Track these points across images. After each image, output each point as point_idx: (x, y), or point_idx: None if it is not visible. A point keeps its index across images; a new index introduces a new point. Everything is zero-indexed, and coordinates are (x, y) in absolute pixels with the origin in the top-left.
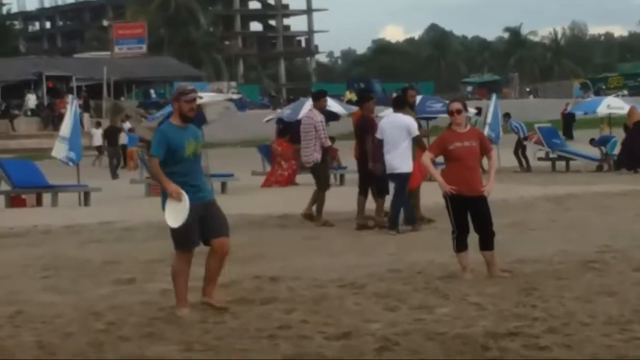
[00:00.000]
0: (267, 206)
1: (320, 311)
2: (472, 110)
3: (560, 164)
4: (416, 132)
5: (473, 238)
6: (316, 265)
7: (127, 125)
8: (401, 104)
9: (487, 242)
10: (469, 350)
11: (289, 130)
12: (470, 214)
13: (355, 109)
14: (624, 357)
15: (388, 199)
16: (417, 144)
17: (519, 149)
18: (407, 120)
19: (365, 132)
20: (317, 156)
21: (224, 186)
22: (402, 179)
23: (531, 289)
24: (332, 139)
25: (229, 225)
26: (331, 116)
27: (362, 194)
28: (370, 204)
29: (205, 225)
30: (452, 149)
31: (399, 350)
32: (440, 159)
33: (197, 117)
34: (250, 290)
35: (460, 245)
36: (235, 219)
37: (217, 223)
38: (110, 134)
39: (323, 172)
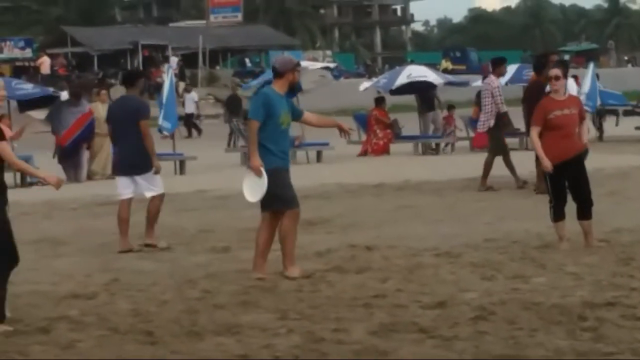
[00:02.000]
0: (362, 175)
1: (415, 280)
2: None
3: None
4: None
5: (570, 208)
6: (411, 234)
7: (193, 95)
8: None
9: (585, 212)
10: (565, 320)
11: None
12: (568, 183)
13: (450, 76)
14: None
15: None
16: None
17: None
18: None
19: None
20: (492, 122)
21: (319, 155)
22: None
23: (628, 259)
24: (451, 106)
25: None
26: (426, 86)
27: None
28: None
29: None
30: (552, 117)
31: (494, 319)
32: None
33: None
34: (345, 259)
35: (558, 214)
36: (331, 187)
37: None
38: (232, 103)
39: (496, 137)
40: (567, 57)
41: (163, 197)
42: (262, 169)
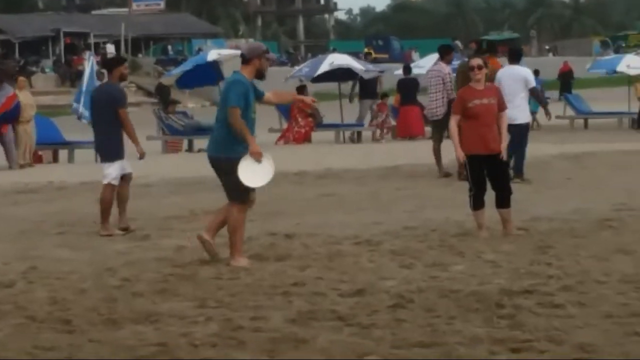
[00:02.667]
0: (284, 163)
1: (335, 268)
2: None
3: (579, 122)
4: (533, 84)
5: (489, 196)
6: (332, 222)
7: None
8: (517, 57)
9: (503, 200)
10: (483, 307)
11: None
12: (487, 172)
13: (370, 65)
14: (638, 316)
15: None
16: (534, 95)
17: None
18: (524, 72)
19: None
20: (443, 110)
21: None
22: (520, 129)
23: (546, 247)
24: (385, 94)
25: None
26: (350, 75)
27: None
28: None
29: None
30: (471, 106)
31: (413, 307)
32: None
33: (213, 74)
34: (265, 247)
35: (477, 203)
36: None
37: None
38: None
39: (446, 124)
40: None
41: (115, 188)
42: (264, 153)
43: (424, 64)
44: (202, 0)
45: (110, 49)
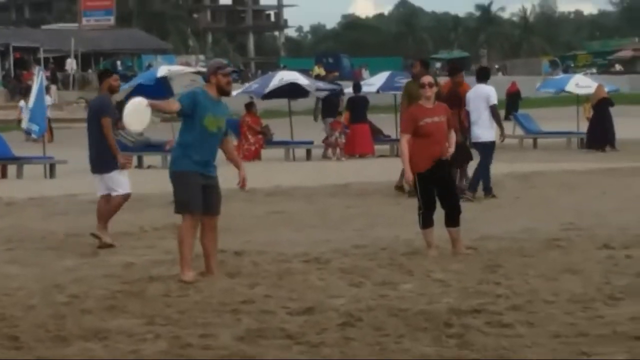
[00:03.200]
0: (233, 180)
1: (284, 286)
2: None
3: (528, 141)
4: (494, 101)
5: (438, 214)
6: (281, 239)
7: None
8: (484, 76)
9: (453, 219)
10: (432, 326)
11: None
12: (437, 190)
13: (321, 83)
14: (586, 335)
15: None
16: (492, 113)
17: None
18: (488, 90)
19: (456, 105)
20: None
21: None
22: (484, 147)
23: (495, 266)
24: (339, 112)
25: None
26: (300, 92)
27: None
28: None
29: (204, 200)
30: (422, 125)
31: (362, 326)
32: None
33: (163, 89)
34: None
35: (427, 221)
36: None
37: (215, 200)
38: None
39: None
40: (438, 64)
41: (127, 197)
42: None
43: (374, 82)
44: (152, 16)
45: (71, 64)
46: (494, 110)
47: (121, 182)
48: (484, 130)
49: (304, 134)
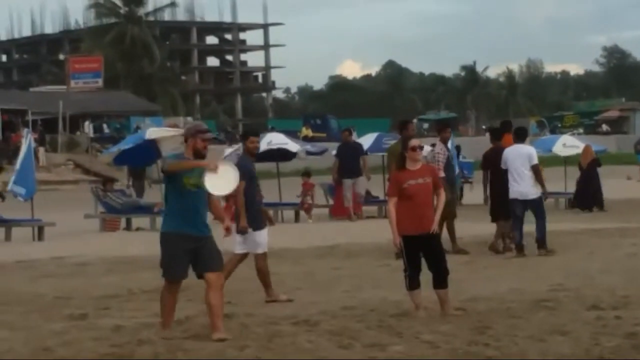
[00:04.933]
0: (223, 242)
1: (273, 348)
2: (427, 148)
3: None
4: (536, 161)
5: (427, 276)
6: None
7: None
8: (522, 136)
9: (440, 280)
10: None
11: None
12: (423, 252)
13: (308, 145)
14: None
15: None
16: (535, 172)
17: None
18: (529, 150)
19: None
20: None
21: None
22: (534, 204)
23: (484, 327)
24: (308, 173)
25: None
26: (286, 154)
27: (501, 219)
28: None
29: (199, 260)
30: (406, 187)
31: None
32: None
33: (151, 152)
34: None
35: (413, 283)
36: None
37: (210, 258)
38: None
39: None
40: (426, 125)
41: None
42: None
43: (362, 143)
44: (140, 78)
45: (89, 127)
46: (537, 169)
47: (235, 242)
48: (530, 187)
49: (292, 195)
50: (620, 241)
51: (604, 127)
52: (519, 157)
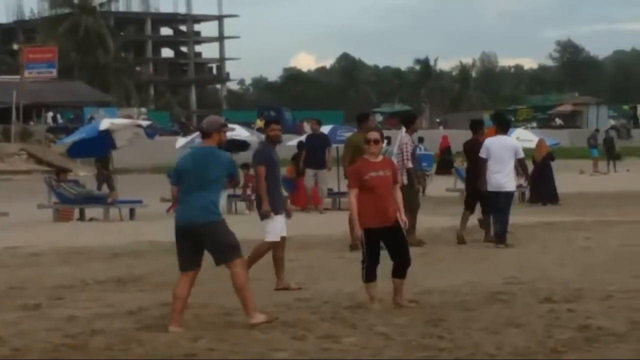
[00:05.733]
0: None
1: (227, 339)
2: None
3: None
4: (522, 155)
5: (382, 268)
6: (223, 292)
7: None
8: (506, 127)
9: (401, 270)
10: None
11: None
12: (386, 243)
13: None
14: None
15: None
16: (521, 166)
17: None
18: (515, 143)
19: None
20: (403, 179)
21: (132, 212)
22: (507, 196)
23: (438, 319)
24: (246, 165)
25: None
26: (240, 146)
27: (469, 209)
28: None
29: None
30: (367, 179)
31: None
32: None
33: (105, 143)
34: (157, 318)
35: (370, 275)
36: (144, 245)
37: (211, 251)
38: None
39: (409, 194)
40: (380, 118)
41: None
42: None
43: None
44: (95, 69)
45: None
46: (523, 162)
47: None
48: (508, 180)
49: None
50: (574, 235)
51: (558, 121)
52: (504, 149)
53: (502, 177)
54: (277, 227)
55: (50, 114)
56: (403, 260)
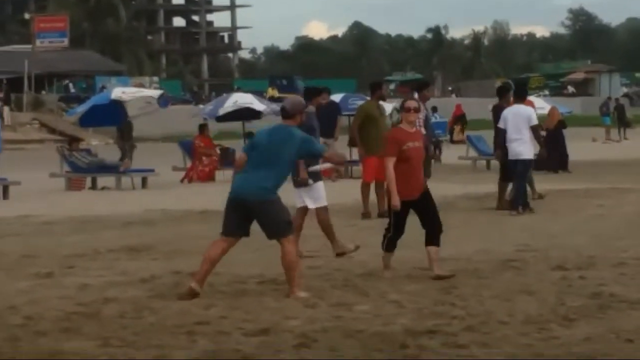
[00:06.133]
0: (188, 202)
1: (240, 307)
2: (388, 106)
3: (481, 163)
4: (535, 122)
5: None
6: (237, 260)
7: None
8: (522, 95)
9: (435, 237)
10: (387, 347)
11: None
12: (419, 212)
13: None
14: (541, 356)
15: None
16: (535, 134)
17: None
18: (529, 111)
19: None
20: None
21: (144, 181)
22: (525, 164)
23: (450, 287)
24: (251, 134)
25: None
26: (252, 114)
27: (504, 180)
28: None
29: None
30: (405, 149)
31: (317, 347)
32: None
33: (117, 112)
34: (169, 286)
35: (391, 246)
36: (155, 214)
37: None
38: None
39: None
40: (392, 86)
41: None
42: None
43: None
44: (106, 38)
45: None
46: (536, 130)
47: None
48: (525, 147)
49: None
50: (586, 202)
51: (570, 88)
52: (519, 117)
53: (519, 145)
54: (321, 192)
55: (65, 82)
56: (435, 226)
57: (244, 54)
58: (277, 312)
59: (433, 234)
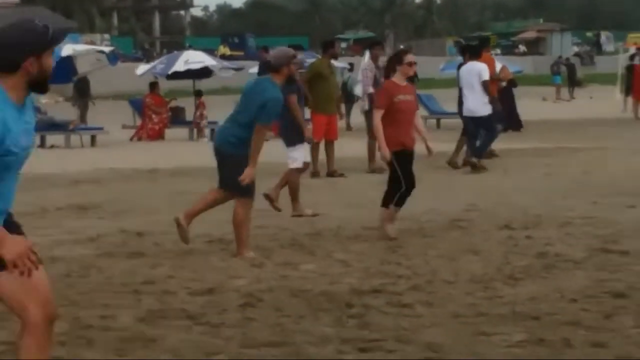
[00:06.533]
0: (137, 160)
1: (186, 267)
2: (339, 65)
3: (431, 122)
4: (486, 77)
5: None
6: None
7: None
8: (476, 52)
9: (406, 198)
10: (333, 307)
11: None
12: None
13: (226, 62)
14: (486, 315)
15: None
16: (484, 88)
17: None
18: (480, 67)
19: None
20: (366, 104)
21: (93, 139)
22: (482, 121)
23: (397, 246)
24: (200, 92)
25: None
26: (203, 72)
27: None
28: None
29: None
30: (397, 101)
31: (262, 306)
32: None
33: (67, 69)
34: (116, 245)
35: (402, 201)
36: (104, 172)
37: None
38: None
39: (369, 120)
40: (344, 44)
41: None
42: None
43: None
44: None
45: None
46: (486, 85)
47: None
48: (479, 105)
49: (209, 114)
50: (535, 161)
51: (521, 47)
52: (471, 74)
53: (471, 101)
54: (302, 155)
55: None
56: (412, 188)
57: (196, 12)
58: (223, 271)
59: (407, 195)
